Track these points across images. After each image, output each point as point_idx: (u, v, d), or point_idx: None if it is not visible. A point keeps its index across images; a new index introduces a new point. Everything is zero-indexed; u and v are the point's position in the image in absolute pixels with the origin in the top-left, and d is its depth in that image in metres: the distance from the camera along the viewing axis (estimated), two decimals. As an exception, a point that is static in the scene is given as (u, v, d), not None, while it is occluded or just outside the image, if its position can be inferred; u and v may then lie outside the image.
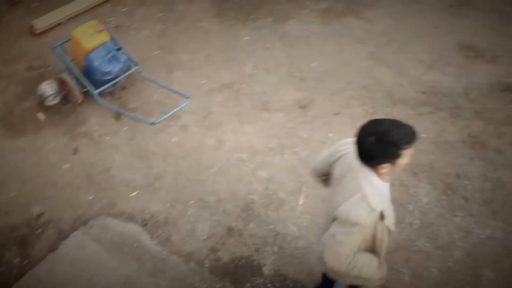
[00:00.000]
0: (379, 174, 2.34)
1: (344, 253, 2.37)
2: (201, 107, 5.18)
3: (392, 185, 4.24)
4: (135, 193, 4.50)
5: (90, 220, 4.32)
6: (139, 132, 4.99)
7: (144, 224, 4.25)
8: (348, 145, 2.56)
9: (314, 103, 5.10)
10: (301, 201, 4.29)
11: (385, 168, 2.29)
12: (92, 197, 4.49)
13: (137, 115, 5.07)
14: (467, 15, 6.03)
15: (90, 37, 4.95)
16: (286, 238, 4.06)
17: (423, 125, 4.75)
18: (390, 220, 2.45)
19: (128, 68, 5.14)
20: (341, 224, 2.35)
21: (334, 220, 2.41)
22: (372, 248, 2.50)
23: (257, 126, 4.95)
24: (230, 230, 4.15)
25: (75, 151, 4.88)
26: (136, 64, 5.16)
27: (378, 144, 2.21)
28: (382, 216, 2.37)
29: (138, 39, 6.04)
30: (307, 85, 5.31)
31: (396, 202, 4.15)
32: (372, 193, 2.32)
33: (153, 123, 4.85)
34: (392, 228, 2.49)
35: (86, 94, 5.17)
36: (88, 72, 5.00)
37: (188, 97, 5.01)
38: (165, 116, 4.92)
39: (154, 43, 5.99)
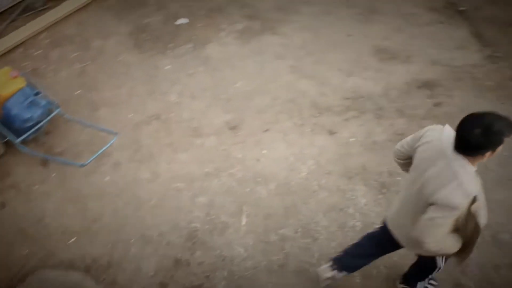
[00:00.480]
0: (473, 162, 2.54)
1: (442, 234, 2.65)
2: (131, 141, 5.08)
3: (329, 191, 4.35)
4: (73, 239, 4.32)
5: (27, 276, 4.09)
6: (69, 176, 4.81)
7: (86, 270, 4.08)
8: (435, 132, 2.74)
9: (243, 122, 5.14)
10: (243, 221, 4.28)
11: (486, 156, 2.51)
12: (27, 251, 4.26)
13: (65, 159, 4.90)
14: (376, 21, 6.34)
15: (5, 85, 4.76)
16: (234, 260, 4.02)
17: (350, 130, 4.91)
18: (481, 202, 2.60)
19: (50, 112, 4.97)
20: (440, 209, 2.56)
21: (430, 205, 2.61)
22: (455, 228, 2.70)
23: (190, 152, 4.92)
24: (177, 262, 4.06)
25: (3, 205, 4.63)
26: (57, 107, 5.00)
27: (485, 135, 2.41)
28: (474, 200, 2.54)
29: (57, 80, 5.86)
30: (234, 105, 5.35)
31: (336, 208, 4.26)
32: (468, 180, 2.52)
33: (82, 165, 4.70)
34: (482, 219, 2.66)
35: (8, 144, 4.93)
36: (7, 121, 4.78)
37: (115, 134, 4.91)
38: (95, 156, 4.79)
39: (74, 83, 5.83)
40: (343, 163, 4.64)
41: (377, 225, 4.09)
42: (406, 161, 3.00)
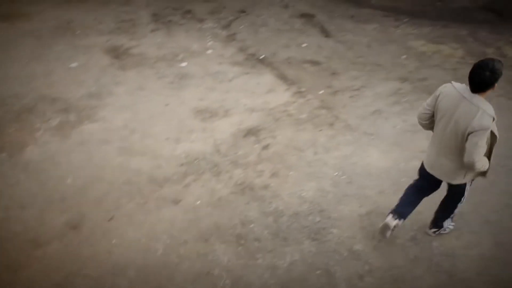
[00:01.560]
0: (484, 96, 3.61)
1: (483, 150, 3.64)
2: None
3: (190, 259, 4.32)
4: None
5: None
6: None
7: None
8: (447, 88, 3.81)
9: (84, 218, 4.88)
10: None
11: (491, 90, 3.62)
12: None
13: None
14: (188, 85, 6.61)
15: None
16: None
17: (194, 194, 4.97)
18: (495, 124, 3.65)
19: None
20: (478, 134, 3.54)
21: (469, 135, 3.56)
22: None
23: (33, 268, 4.49)
24: None
25: None
26: None
27: (492, 75, 3.53)
28: (494, 119, 3.58)
29: None
30: (71, 203, 5.07)
31: (201, 274, 4.24)
32: (488, 107, 3.57)
33: None
34: (496, 132, 3.71)
35: None
36: None
37: None
38: None
39: None
40: (196, 228, 4.65)
41: (245, 278, 4.18)
42: (429, 121, 3.97)
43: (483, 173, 3.98)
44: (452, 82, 3.84)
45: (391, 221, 4.24)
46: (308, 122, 6.03)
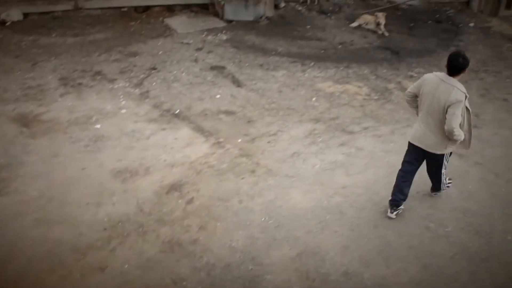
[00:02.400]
0: (457, 78, 4.82)
1: (459, 119, 4.77)
2: None
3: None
4: None
5: None
6: None
7: None
8: (429, 76, 5.01)
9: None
10: None
11: (463, 73, 4.84)
12: None
13: None
14: (105, 146, 6.46)
15: None
16: None
17: (120, 258, 4.80)
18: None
19: None
20: (454, 106, 4.69)
21: (448, 107, 4.71)
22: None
23: None
24: None
25: None
26: None
27: (464, 61, 4.76)
28: (466, 97, 4.80)
29: None
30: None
31: None
32: (460, 86, 4.78)
33: None
34: (469, 107, 4.97)
35: None
36: None
37: None
38: None
39: None
40: (126, 293, 4.47)
41: None
42: (412, 99, 5.19)
43: (465, 146, 5.24)
44: (435, 72, 5.01)
45: (391, 215, 5.41)
46: (229, 172, 6.07)
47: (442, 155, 5.14)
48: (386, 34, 10.75)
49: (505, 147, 6.79)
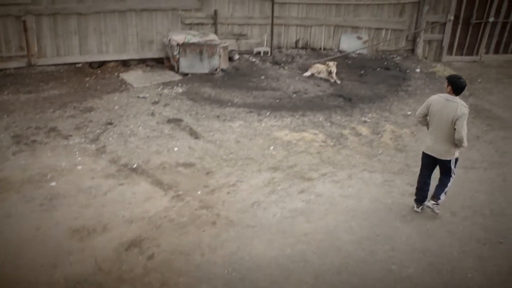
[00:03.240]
0: (459, 96, 5.95)
1: (466, 129, 5.85)
2: None
3: None
4: None
5: None
6: None
7: None
8: (435, 97, 6.12)
9: None
10: None
11: (462, 92, 5.98)
12: None
13: None
14: (59, 204, 6.28)
15: None
16: None
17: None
18: None
19: None
20: (462, 118, 5.78)
21: (456, 120, 5.81)
22: None
23: None
24: None
25: None
26: None
27: (464, 81, 5.92)
28: (468, 109, 5.93)
29: None
30: None
31: None
32: (463, 102, 5.91)
33: None
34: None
35: None
36: None
37: None
38: None
39: None
40: None
41: None
42: (423, 118, 6.28)
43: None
44: (439, 94, 6.14)
45: (418, 209, 6.47)
46: (190, 225, 6.00)
47: (450, 161, 6.18)
48: (338, 82, 11.12)
49: (459, 186, 7.01)
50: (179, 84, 10.30)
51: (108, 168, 7.14)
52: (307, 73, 11.44)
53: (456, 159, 6.24)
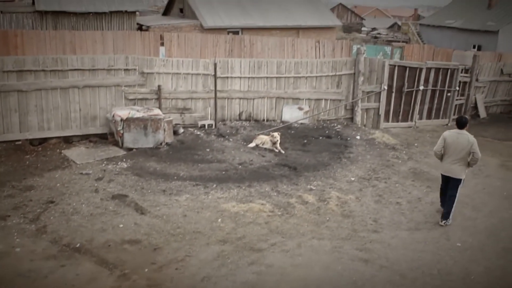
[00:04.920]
0: (465, 129, 8.23)
1: (479, 151, 8.07)
2: None
3: None
4: None
5: None
6: None
7: None
8: (447, 133, 8.31)
9: None
10: None
11: (467, 127, 8.29)
12: None
13: None
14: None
15: None
16: None
17: None
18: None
19: None
20: (475, 144, 8.00)
21: (471, 146, 7.99)
22: None
23: None
24: None
25: None
26: None
27: (466, 118, 8.36)
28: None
29: None
30: None
31: None
32: (470, 134, 8.18)
33: None
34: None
35: None
36: None
37: None
38: None
39: None
40: None
41: None
42: (440, 152, 8.26)
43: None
44: (449, 130, 8.40)
45: (442, 223, 8.30)
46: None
47: (461, 180, 8.29)
48: (282, 152, 11.34)
49: (405, 249, 7.14)
50: (124, 159, 10.19)
51: (49, 249, 6.82)
52: (252, 144, 11.63)
53: (463, 180, 8.40)
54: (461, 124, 8.21)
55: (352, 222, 8.15)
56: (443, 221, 8.23)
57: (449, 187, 8.29)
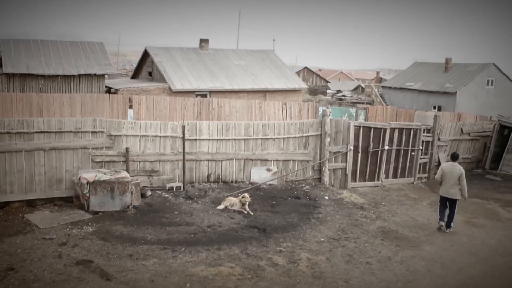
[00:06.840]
0: (457, 162, 11.71)
1: (466, 183, 11.46)
2: None
3: None
4: None
5: None
6: None
7: None
8: (444, 165, 11.78)
9: None
10: None
11: (458, 160, 11.91)
12: None
13: None
14: None
15: None
16: None
17: None
18: None
19: None
20: (463, 174, 11.26)
21: (459, 177, 11.15)
22: None
23: None
24: None
25: None
26: None
27: (458, 154, 12.09)
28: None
29: None
30: None
31: None
32: (460, 165, 11.64)
33: None
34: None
35: None
36: None
37: None
38: None
39: None
40: None
41: None
42: (440, 180, 11.42)
43: (464, 195, 11.32)
44: (446, 162, 12.26)
45: (442, 224, 11.21)
46: None
47: (457, 200, 11.15)
48: (251, 213, 11.28)
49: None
50: (89, 223, 9.94)
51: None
52: (221, 206, 11.55)
53: (458, 199, 11.19)
54: (454, 157, 11.57)
55: (323, 284, 8.06)
56: (448, 229, 11.14)
57: (449, 207, 11.22)
